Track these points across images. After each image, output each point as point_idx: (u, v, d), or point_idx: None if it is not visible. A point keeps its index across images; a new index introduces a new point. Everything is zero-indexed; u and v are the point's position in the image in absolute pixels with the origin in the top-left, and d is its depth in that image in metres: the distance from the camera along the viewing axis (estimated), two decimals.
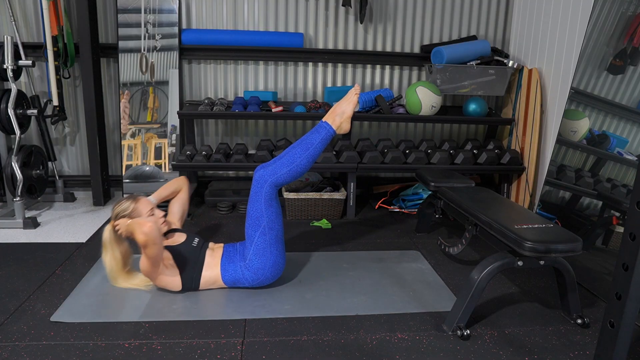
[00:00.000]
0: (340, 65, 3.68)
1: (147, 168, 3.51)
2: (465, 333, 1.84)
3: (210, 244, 2.26)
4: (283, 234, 2.19)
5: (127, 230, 2.04)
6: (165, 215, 2.26)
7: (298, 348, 1.76)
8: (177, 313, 1.97)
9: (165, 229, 2.20)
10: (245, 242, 2.19)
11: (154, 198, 2.32)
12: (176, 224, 2.36)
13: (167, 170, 3.52)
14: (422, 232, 2.98)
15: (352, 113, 2.22)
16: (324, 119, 2.21)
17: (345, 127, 2.22)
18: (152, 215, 2.16)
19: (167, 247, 2.09)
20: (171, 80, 3.49)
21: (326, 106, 3.40)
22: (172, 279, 2.08)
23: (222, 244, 2.28)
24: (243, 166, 3.18)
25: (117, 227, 2.10)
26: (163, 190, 2.39)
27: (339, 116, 2.21)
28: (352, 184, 3.23)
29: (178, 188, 2.44)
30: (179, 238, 2.18)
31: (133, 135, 3.50)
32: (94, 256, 2.51)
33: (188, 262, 2.10)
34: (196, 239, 2.20)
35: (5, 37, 2.91)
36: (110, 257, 2.13)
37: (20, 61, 3.01)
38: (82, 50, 3.22)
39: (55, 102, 3.32)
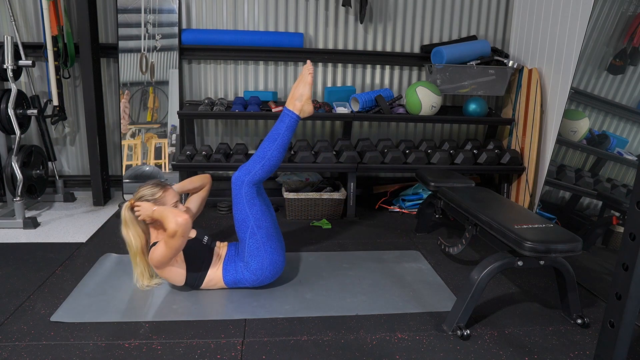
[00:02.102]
0: (340, 65, 3.68)
1: (147, 168, 3.51)
2: (465, 333, 1.84)
3: (218, 243, 2.26)
4: (276, 230, 2.17)
5: (154, 215, 2.02)
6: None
7: (298, 348, 1.76)
8: (177, 313, 1.97)
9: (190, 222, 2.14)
10: (239, 243, 2.19)
11: (177, 188, 2.29)
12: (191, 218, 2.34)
13: (167, 170, 3.52)
14: (422, 232, 2.98)
15: (310, 94, 2.20)
16: (285, 106, 2.19)
17: (307, 110, 2.21)
18: (176, 208, 2.12)
19: None
20: (171, 80, 3.49)
21: (326, 106, 3.40)
22: (178, 273, 2.07)
23: (226, 243, 2.29)
24: None
25: (137, 209, 2.08)
26: (188, 183, 2.38)
27: (299, 100, 2.18)
28: (352, 184, 3.23)
29: (202, 185, 2.41)
30: (191, 233, 2.17)
31: (133, 135, 3.50)
32: (94, 256, 2.51)
33: (196, 259, 2.10)
34: (206, 237, 2.21)
35: (5, 37, 2.91)
36: (132, 233, 2.11)
37: (20, 61, 3.01)
38: (82, 50, 3.22)
39: (55, 102, 3.32)
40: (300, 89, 2.19)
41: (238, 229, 2.13)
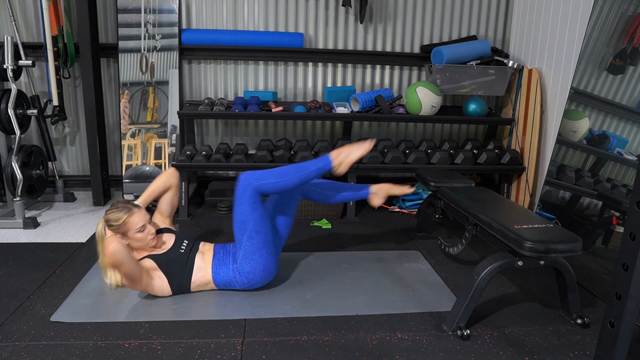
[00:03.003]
0: (340, 65, 3.68)
1: (147, 168, 3.51)
2: (465, 333, 1.84)
3: (201, 246, 2.21)
4: (273, 238, 2.15)
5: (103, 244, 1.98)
6: (152, 219, 2.17)
7: (298, 348, 1.76)
8: (177, 313, 1.97)
9: (154, 242, 2.09)
10: (235, 244, 2.18)
11: (141, 202, 2.21)
12: (165, 222, 2.30)
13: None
14: (422, 232, 2.98)
15: (356, 160, 2.18)
16: (330, 152, 2.18)
17: (342, 169, 2.17)
18: (141, 233, 2.03)
19: (151, 257, 2.06)
20: (171, 80, 3.49)
21: (326, 106, 3.40)
22: (160, 287, 2.04)
23: (212, 244, 2.24)
24: (243, 166, 3.18)
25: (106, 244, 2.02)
26: (150, 192, 2.27)
27: (344, 155, 2.16)
28: (352, 184, 3.23)
29: (167, 185, 2.30)
30: (167, 242, 2.15)
31: (133, 135, 3.50)
32: (94, 256, 2.49)
33: (175, 269, 2.06)
34: (185, 242, 2.16)
35: (5, 37, 2.91)
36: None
37: (20, 61, 3.01)
38: (82, 50, 3.22)
39: (55, 102, 3.32)
40: (353, 150, 2.17)
41: (236, 230, 2.12)
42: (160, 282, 2.04)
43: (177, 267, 2.08)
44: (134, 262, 1.91)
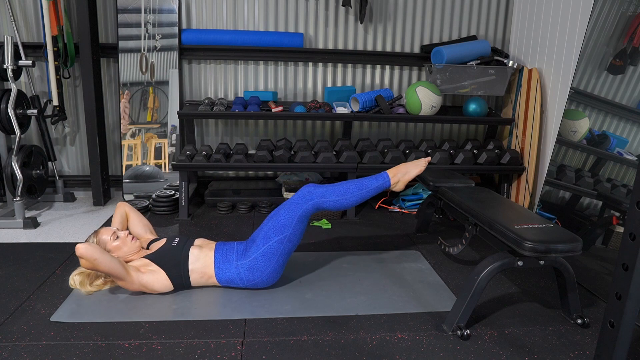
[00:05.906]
0: (340, 65, 3.68)
1: (147, 168, 3.51)
2: (465, 333, 1.84)
3: (197, 241, 2.24)
4: (291, 254, 2.20)
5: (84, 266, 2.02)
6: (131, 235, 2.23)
7: (298, 348, 1.76)
8: (177, 313, 1.97)
9: (137, 243, 2.17)
10: (247, 242, 2.19)
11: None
12: (150, 238, 2.35)
13: (167, 170, 3.52)
14: (422, 232, 2.98)
15: (414, 177, 2.33)
16: (387, 171, 2.30)
17: (399, 187, 2.32)
18: (118, 238, 2.13)
19: (145, 256, 2.10)
20: (171, 80, 3.49)
21: (326, 106, 3.40)
22: (160, 282, 2.06)
23: (213, 242, 2.26)
24: (243, 166, 3.18)
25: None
26: (114, 222, 2.35)
27: (401, 174, 2.31)
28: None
29: (123, 213, 2.37)
30: (158, 245, 2.19)
31: (133, 135, 3.50)
32: None
33: (171, 261, 2.09)
34: (177, 239, 2.21)
35: (5, 37, 2.91)
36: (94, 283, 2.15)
37: (20, 61, 3.01)
38: (82, 50, 3.22)
39: (55, 102, 3.32)
40: (410, 167, 2.33)
41: (271, 228, 2.13)
42: (156, 277, 2.05)
43: (171, 258, 2.10)
44: (108, 257, 1.93)
